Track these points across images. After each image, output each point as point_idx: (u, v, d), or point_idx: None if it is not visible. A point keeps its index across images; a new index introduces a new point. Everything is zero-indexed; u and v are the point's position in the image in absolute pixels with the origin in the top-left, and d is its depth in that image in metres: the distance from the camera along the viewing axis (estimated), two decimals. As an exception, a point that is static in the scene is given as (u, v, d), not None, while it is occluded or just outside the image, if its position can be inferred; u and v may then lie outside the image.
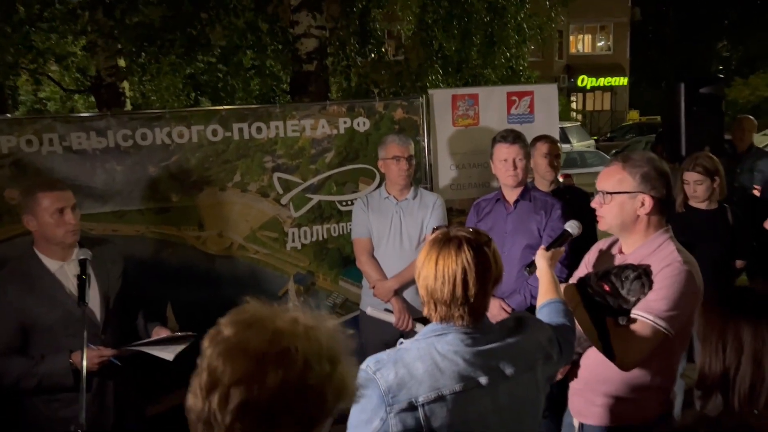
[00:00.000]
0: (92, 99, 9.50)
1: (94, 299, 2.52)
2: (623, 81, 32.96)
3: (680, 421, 0.56)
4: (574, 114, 29.10)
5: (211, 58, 7.57)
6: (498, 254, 1.58)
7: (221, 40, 7.54)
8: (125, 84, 7.92)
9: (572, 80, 32.65)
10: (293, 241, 4.05)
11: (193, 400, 0.97)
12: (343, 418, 1.52)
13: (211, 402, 0.94)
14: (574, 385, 2.27)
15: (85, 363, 2.26)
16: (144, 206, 3.71)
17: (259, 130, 3.89)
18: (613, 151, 16.83)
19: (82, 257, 2.39)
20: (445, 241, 1.53)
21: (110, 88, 7.35)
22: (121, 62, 7.48)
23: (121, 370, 2.55)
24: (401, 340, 1.63)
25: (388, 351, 1.55)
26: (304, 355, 0.96)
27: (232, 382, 0.93)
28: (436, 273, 1.51)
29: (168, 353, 2.50)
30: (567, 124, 18.65)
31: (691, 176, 3.59)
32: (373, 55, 8.36)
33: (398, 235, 3.51)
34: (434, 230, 1.61)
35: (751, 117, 5.24)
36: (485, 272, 1.51)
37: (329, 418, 1.02)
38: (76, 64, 10.21)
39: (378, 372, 1.48)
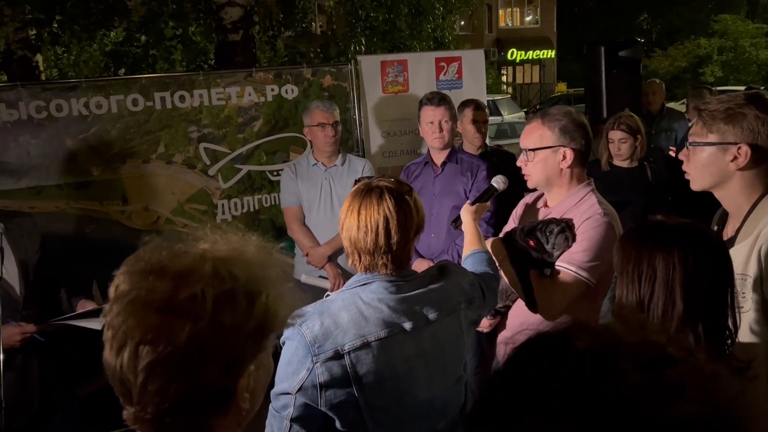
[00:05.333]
0: (3, 78, 8.95)
1: (11, 273, 2.41)
2: (551, 54, 33.68)
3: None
4: (505, 87, 29.58)
5: (130, 27, 7.25)
6: (419, 203, 1.59)
7: (140, 7, 7.23)
8: (39, 58, 7.50)
9: (502, 54, 33.12)
10: (223, 213, 3.98)
11: (107, 355, 0.90)
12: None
13: (122, 360, 0.87)
14: (502, 335, 2.34)
15: (1, 339, 2.16)
16: (63, 181, 3.56)
17: (182, 98, 3.78)
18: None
19: (-7, 230, 2.28)
20: (366, 192, 1.54)
21: (23, 63, 6.95)
22: (32, 33, 7.07)
23: (46, 347, 2.46)
24: (328, 292, 1.64)
25: (313, 303, 1.55)
26: (213, 298, 0.87)
27: (138, 340, 0.86)
28: (358, 223, 1.51)
29: (96, 323, 2.42)
30: (498, 97, 18.92)
31: (615, 134, 3.74)
32: (299, 25, 8.21)
33: (329, 202, 3.50)
34: (356, 182, 1.62)
35: (658, 80, 5.47)
36: (407, 220, 1.52)
37: (262, 352, 0.96)
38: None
39: (303, 324, 1.48)
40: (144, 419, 0.90)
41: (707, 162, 1.67)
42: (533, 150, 2.17)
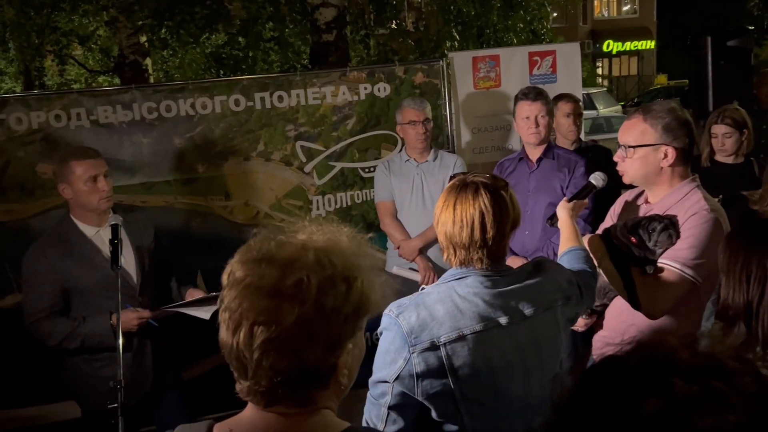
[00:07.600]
0: (116, 81, 9.63)
1: (129, 263, 2.61)
2: (650, 44, 32.16)
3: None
4: (600, 80, 28.55)
5: (230, 30, 7.61)
6: (515, 198, 1.59)
7: (240, 11, 7.57)
8: (148, 62, 8.01)
9: (597, 45, 31.96)
10: (318, 208, 4.10)
11: (223, 334, 1.00)
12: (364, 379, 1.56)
13: (238, 339, 0.97)
14: (599, 334, 2.29)
15: (120, 323, 2.33)
16: (171, 177, 3.78)
17: (280, 98, 3.92)
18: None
19: (113, 222, 2.47)
20: (462, 187, 1.55)
21: (134, 67, 7.45)
22: (143, 38, 7.56)
23: (158, 332, 2.65)
24: (423, 286, 1.67)
25: (410, 296, 1.59)
26: (316, 283, 0.97)
27: (252, 321, 0.96)
28: (454, 218, 1.53)
29: (204, 313, 2.58)
30: (593, 90, 18.34)
31: (719, 129, 3.52)
32: (391, 23, 8.30)
33: (420, 197, 3.55)
34: (452, 177, 1.64)
35: None
36: (503, 215, 1.53)
37: (358, 332, 1.04)
38: (99, 45, 10.36)
39: (400, 315, 1.52)
40: (257, 391, 1.00)
41: None
42: (633, 147, 2.10)
